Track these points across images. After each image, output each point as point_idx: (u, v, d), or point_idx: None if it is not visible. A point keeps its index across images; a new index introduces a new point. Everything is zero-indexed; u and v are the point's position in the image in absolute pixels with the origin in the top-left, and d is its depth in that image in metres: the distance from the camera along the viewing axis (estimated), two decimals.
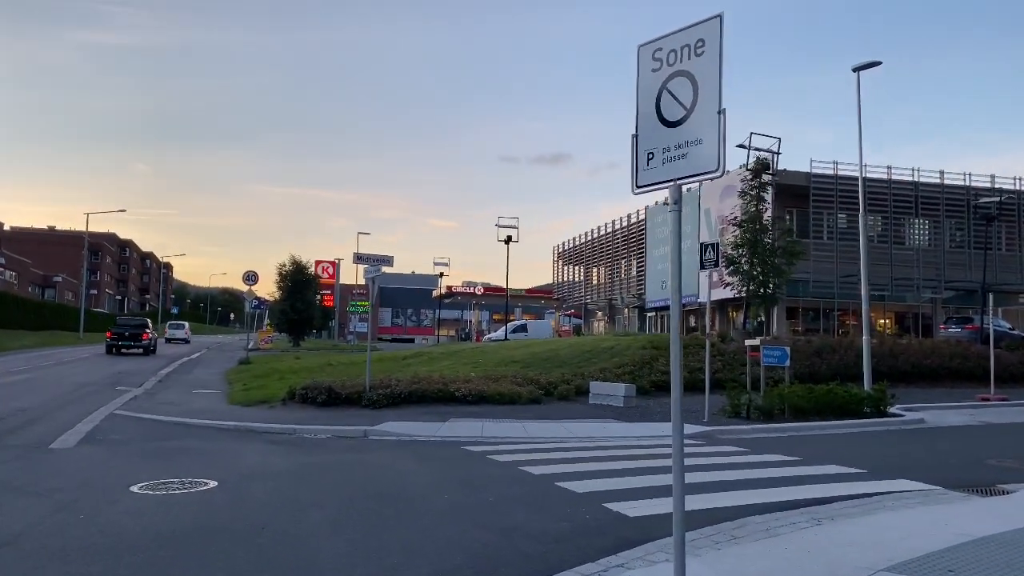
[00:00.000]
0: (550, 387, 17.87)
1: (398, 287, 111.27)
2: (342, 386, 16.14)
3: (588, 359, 21.91)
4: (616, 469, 9.33)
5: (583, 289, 57.83)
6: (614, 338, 27.00)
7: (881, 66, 17.84)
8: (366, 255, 16.91)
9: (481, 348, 28.69)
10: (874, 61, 17.94)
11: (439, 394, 16.20)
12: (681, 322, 4.89)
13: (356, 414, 14.65)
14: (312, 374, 21.54)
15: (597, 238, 54.08)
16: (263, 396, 17.17)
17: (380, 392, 15.85)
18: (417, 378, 17.34)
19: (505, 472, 9.16)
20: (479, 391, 16.45)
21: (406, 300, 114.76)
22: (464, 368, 21.44)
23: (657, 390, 19.04)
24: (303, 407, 15.54)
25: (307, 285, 52.44)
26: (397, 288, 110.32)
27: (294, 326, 51.20)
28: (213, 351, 45.19)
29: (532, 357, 22.70)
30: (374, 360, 25.54)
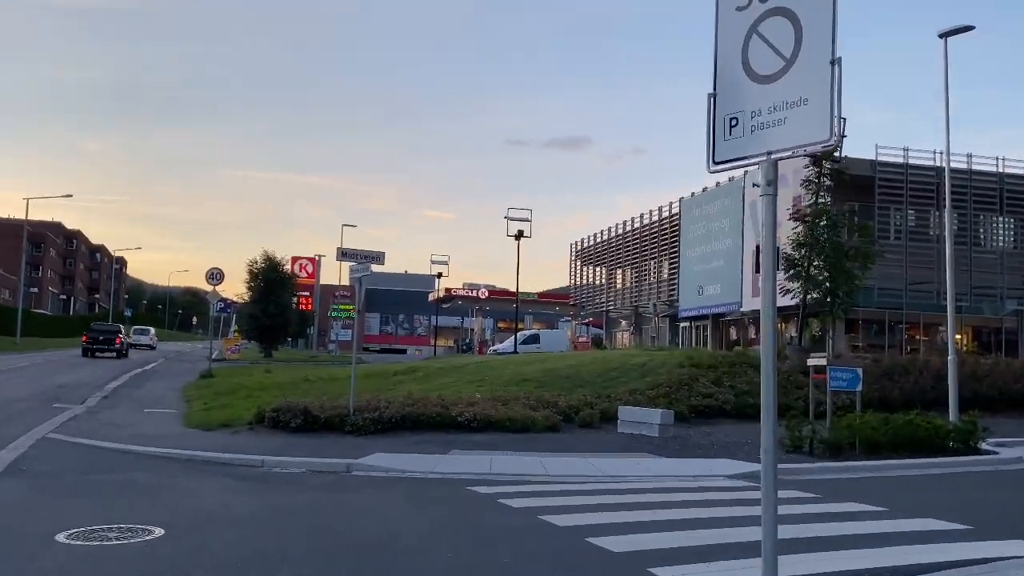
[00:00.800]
0: (571, 412, 17.57)
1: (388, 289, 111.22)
2: (321, 408, 15.86)
3: (615, 378, 21.65)
4: (662, 521, 8.77)
5: (605, 294, 57.41)
6: (645, 353, 26.70)
7: (961, 35, 17.17)
8: (351, 251, 16.70)
9: (486, 362, 28.31)
10: (965, 26, 17.30)
11: (437, 419, 15.91)
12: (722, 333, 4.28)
13: (337, 443, 14.32)
14: (285, 392, 21.23)
15: (622, 234, 53.64)
16: (226, 418, 16.89)
17: (366, 416, 15.49)
18: (411, 399, 17.05)
19: (522, 522, 8.61)
20: (486, 416, 16.12)
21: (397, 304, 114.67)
22: (467, 387, 21.14)
23: (698, 416, 18.69)
24: (273, 433, 15.25)
25: (282, 285, 52.16)
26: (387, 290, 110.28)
27: (266, 333, 50.91)
28: (171, 361, 44.90)
29: (548, 375, 22.45)
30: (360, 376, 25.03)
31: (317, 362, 47.88)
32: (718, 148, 4.34)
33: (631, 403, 18.40)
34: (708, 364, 22.22)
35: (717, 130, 4.34)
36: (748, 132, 4.20)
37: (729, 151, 4.29)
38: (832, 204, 27.03)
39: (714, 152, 4.36)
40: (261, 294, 50.40)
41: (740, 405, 19.26)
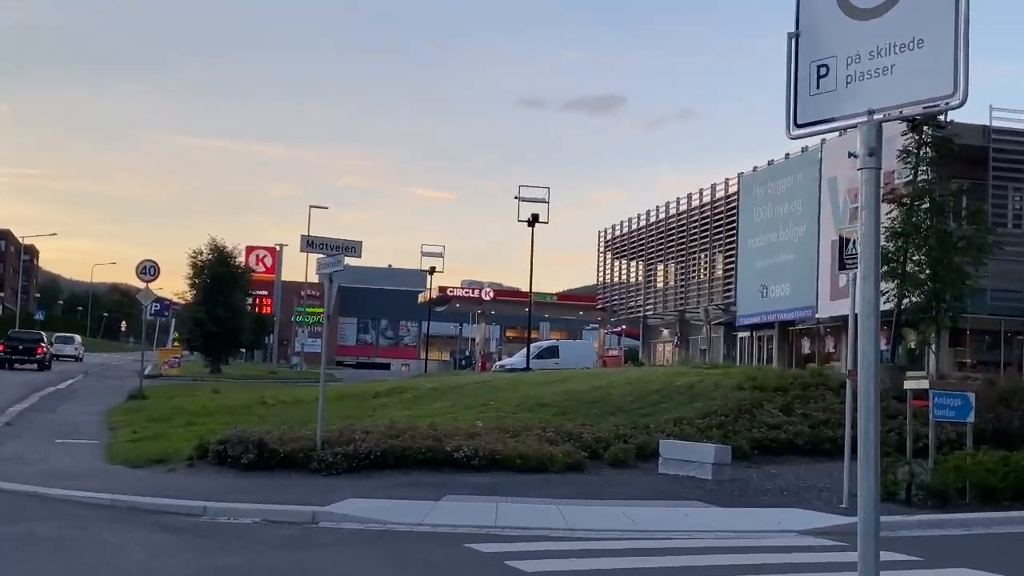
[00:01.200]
0: (598, 446, 17.47)
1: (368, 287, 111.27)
2: (280, 439, 15.77)
3: (655, 403, 21.53)
4: None
5: (642, 295, 57.26)
6: (693, 371, 26.56)
7: None
8: (321, 240, 16.61)
9: (491, 381, 28.17)
10: None
11: (429, 455, 15.82)
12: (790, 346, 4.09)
13: (300, 484, 14.22)
14: (235, 418, 21.09)
15: (664, 220, 53.50)
16: (160, 452, 16.79)
17: (338, 451, 15.39)
18: (395, 428, 16.95)
19: None
20: (490, 451, 16.03)
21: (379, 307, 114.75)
22: (466, 413, 20.99)
23: (763, 453, 18.56)
24: (220, 471, 15.16)
25: (233, 282, 52.22)
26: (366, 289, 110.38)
27: (213, 342, 50.98)
28: (93, 377, 44.98)
29: (570, 398, 22.35)
30: (331, 398, 24.93)
31: (277, 379, 47.82)
32: (802, 106, 4.12)
33: (676, 436, 18.24)
34: (775, 386, 22.06)
35: (800, 82, 4.13)
36: (842, 84, 3.99)
37: (816, 110, 4.08)
38: (936, 182, 26.65)
39: (795, 112, 4.15)
40: (207, 293, 50.41)
41: (816, 439, 19.08)
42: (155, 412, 24.29)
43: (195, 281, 51.50)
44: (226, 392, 31.71)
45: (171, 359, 48.97)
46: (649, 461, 17.27)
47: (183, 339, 55.16)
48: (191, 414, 23.14)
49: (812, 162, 38.18)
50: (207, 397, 28.91)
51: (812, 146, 37.95)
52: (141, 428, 20.79)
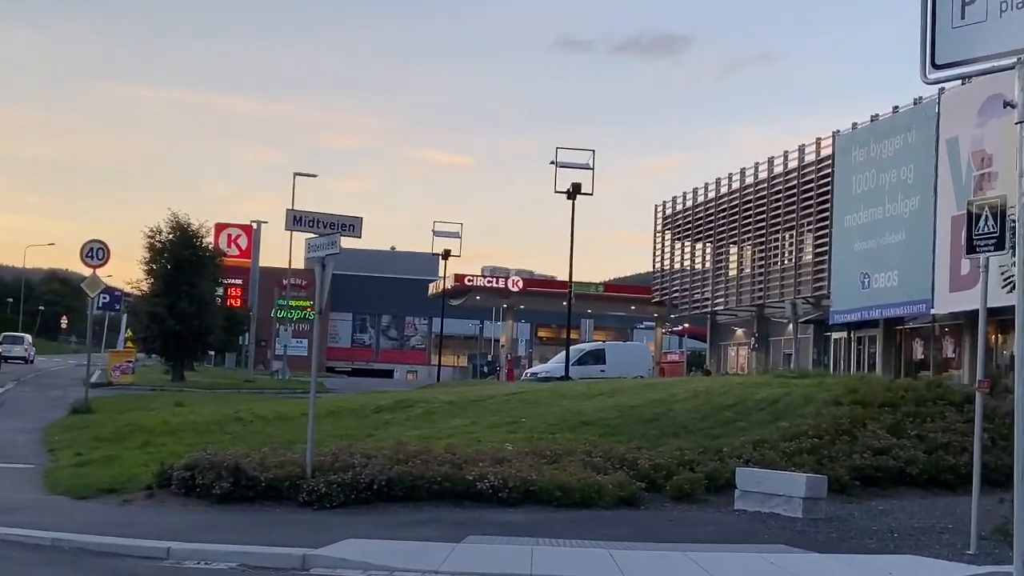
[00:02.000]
0: (658, 476, 17.44)
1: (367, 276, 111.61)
2: (261, 464, 15.83)
3: (729, 422, 21.47)
4: None
5: (710, 286, 57.09)
6: (776, 381, 26.45)
7: None
8: (311, 215, 16.68)
9: (521, 393, 28.18)
10: None
11: (446, 485, 15.82)
12: None
13: (287, 521, 14.27)
14: (204, 437, 21.17)
15: (739, 190, 53.32)
16: (112, 479, 16.87)
17: (333, 479, 15.40)
18: (403, 452, 16.96)
19: None
20: (522, 481, 16.01)
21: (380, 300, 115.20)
22: (491, 434, 21.00)
23: (866, 485, 18.48)
24: (186, 503, 15.23)
25: (200, 268, 52.45)
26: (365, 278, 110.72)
27: (175, 343, 51.28)
28: (27, 385, 45.35)
29: (621, 415, 22.33)
30: (323, 414, 24.91)
31: (255, 389, 48.02)
32: (941, 42, 4.04)
33: (756, 463, 18.15)
34: (880, 401, 21.92)
35: (940, 11, 4.04)
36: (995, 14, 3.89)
37: (961, 47, 4.00)
38: None
39: (933, 50, 4.06)
40: (168, 282, 50.64)
41: (934, 467, 18.96)
42: (104, 429, 24.39)
43: (152, 267, 51.73)
44: (192, 405, 31.83)
45: (123, 363, 49.22)
46: (722, 494, 17.17)
47: (138, 339, 55.57)
48: (149, 432, 23.21)
49: (927, 118, 37.87)
50: (169, 411, 29.02)
51: (927, 98, 37.64)
52: (87, 449, 20.88)
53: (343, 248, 16.39)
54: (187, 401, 33.86)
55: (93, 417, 28.02)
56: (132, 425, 24.90)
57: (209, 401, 34.78)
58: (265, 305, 74.56)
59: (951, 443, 19.53)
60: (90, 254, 31.22)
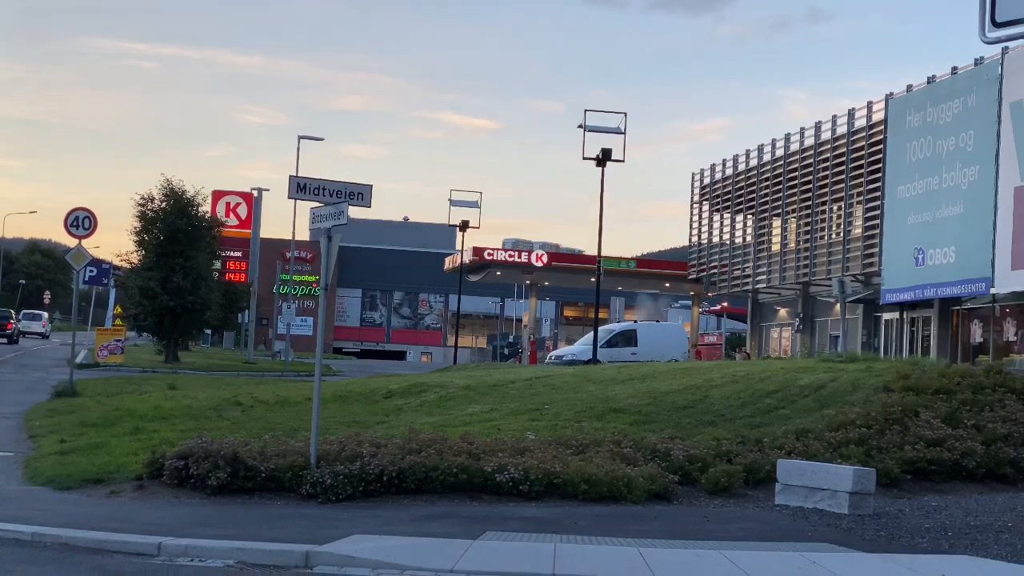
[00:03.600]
0: (692, 468, 17.50)
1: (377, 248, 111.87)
2: (261, 454, 15.90)
3: (771, 410, 21.52)
4: None
5: (751, 262, 56.95)
6: (822, 365, 26.50)
7: None
8: (317, 183, 16.71)
9: (545, 377, 28.24)
10: None
11: (462, 477, 15.89)
12: None
13: (289, 515, 14.33)
14: (200, 423, 21.26)
15: (783, 158, 53.12)
16: (99, 469, 16.92)
17: (339, 470, 15.46)
18: (416, 440, 17.03)
19: None
20: (545, 473, 16.07)
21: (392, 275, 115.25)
22: (512, 421, 21.07)
23: (918, 479, 18.51)
24: (179, 495, 15.29)
25: (196, 239, 52.55)
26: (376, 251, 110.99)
27: (168, 321, 51.34)
28: (7, 366, 45.55)
29: (653, 401, 22.40)
30: (329, 399, 25.02)
31: (255, 372, 48.16)
32: None
33: (799, 454, 18.19)
34: (935, 387, 21.91)
35: None
36: None
37: None
38: None
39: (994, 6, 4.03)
40: (160, 254, 50.77)
41: (993, 460, 18.95)
42: (91, 414, 24.42)
43: (144, 238, 51.78)
44: (187, 388, 31.93)
45: (111, 343, 49.32)
46: (762, 488, 17.24)
47: (127, 316, 55.57)
48: (139, 418, 23.21)
49: (989, 80, 37.60)
50: (161, 395, 29.10)
51: (989, 58, 37.38)
52: (72, 436, 20.87)
53: (351, 218, 16.43)
54: (181, 384, 33.94)
55: (78, 401, 28.04)
56: (121, 410, 24.89)
57: (205, 384, 34.88)
58: (267, 280, 74.77)
59: (1011, 434, 19.49)
60: (75, 223, 31.18)
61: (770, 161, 54.37)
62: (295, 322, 68.50)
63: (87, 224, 31.23)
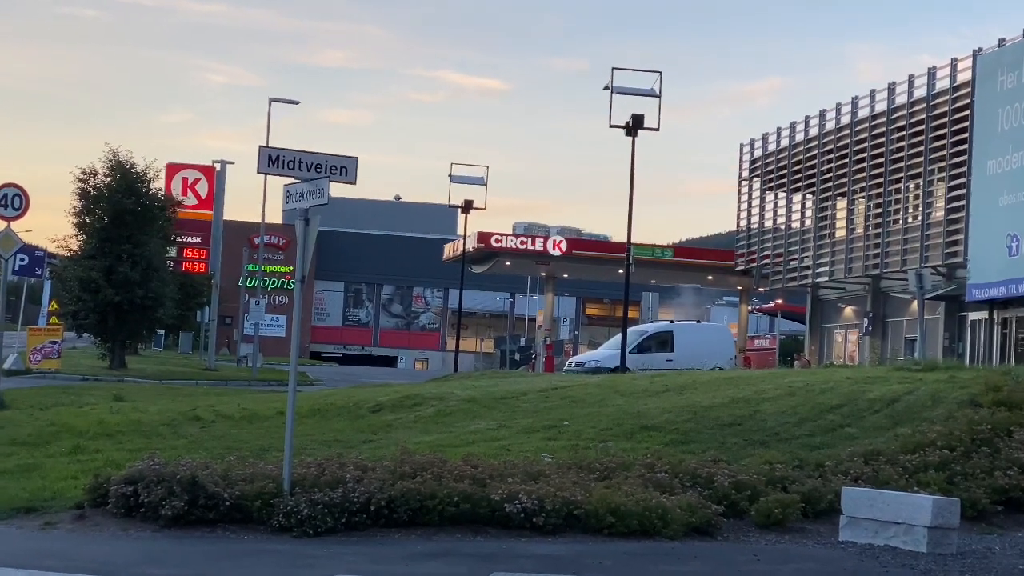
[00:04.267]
0: (739, 496, 17.47)
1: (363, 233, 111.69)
2: (225, 478, 15.89)
3: (834, 428, 21.53)
4: None
5: (811, 251, 56.91)
6: (896, 374, 26.44)
7: None
8: (291, 154, 16.72)
9: (564, 389, 28.29)
10: None
11: (464, 507, 15.86)
12: None
13: (259, 552, 14.37)
14: (151, 442, 21.28)
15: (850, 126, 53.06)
16: (32, 495, 16.91)
17: (318, 498, 15.44)
18: (409, 462, 16.98)
19: None
20: (564, 502, 16.04)
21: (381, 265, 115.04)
22: (525, 440, 21.08)
23: (1011, 510, 18.49)
24: (127, 527, 15.29)
25: (147, 222, 52.66)
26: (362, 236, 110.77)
27: (114, 319, 51.38)
28: None
29: (693, 417, 22.41)
30: (305, 413, 24.96)
31: (217, 380, 48.15)
32: None
33: (868, 480, 18.16)
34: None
35: None
36: None
37: None
38: None
39: None
40: (105, 240, 50.87)
41: None
42: (21, 430, 24.36)
43: (85, 220, 51.96)
44: (135, 400, 31.91)
45: (45, 345, 49.39)
46: (823, 521, 17.20)
47: (66, 313, 55.71)
48: (79, 435, 23.16)
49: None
50: (105, 407, 29.04)
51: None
52: (0, 456, 20.91)
53: (333, 197, 16.38)
54: (129, 395, 33.94)
55: (6, 414, 27.98)
56: (57, 425, 24.84)
57: (157, 395, 34.91)
58: (231, 271, 74.93)
59: None
60: (3, 202, 31.14)
61: (834, 130, 54.38)
62: (265, 321, 68.52)
63: (17, 203, 31.17)
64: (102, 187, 51.38)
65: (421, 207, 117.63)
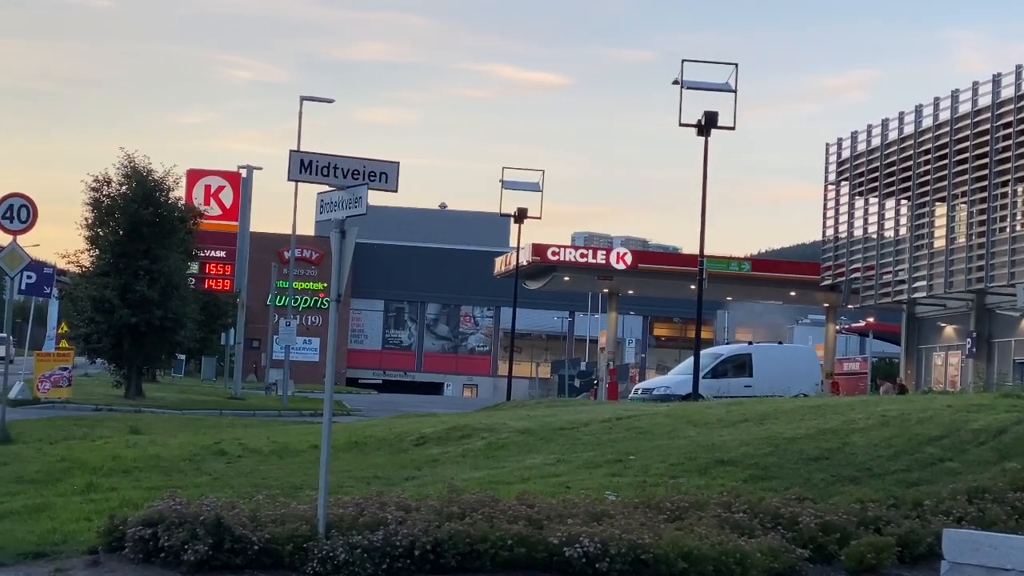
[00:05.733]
0: (827, 539, 17.45)
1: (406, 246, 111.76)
2: (253, 519, 15.90)
3: (934, 462, 21.50)
4: None
5: (906, 263, 56.68)
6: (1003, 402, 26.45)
7: None
8: (325, 159, 16.74)
9: (629, 419, 28.31)
10: None
11: (519, 551, 15.81)
12: None
13: None
14: (172, 479, 21.38)
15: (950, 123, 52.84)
16: (40, 538, 16.92)
17: (356, 541, 15.40)
18: (457, 500, 17.02)
19: None
20: (631, 545, 15.97)
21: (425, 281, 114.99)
22: (586, 477, 21.11)
23: None
24: (145, 573, 15.30)
25: (165, 235, 52.81)
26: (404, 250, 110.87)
27: (131, 343, 51.50)
28: None
29: (774, 451, 22.44)
30: (342, 446, 25.04)
31: (243, 410, 48.25)
32: None
33: (973, 521, 18.05)
34: None
35: None
36: None
37: None
38: None
39: None
40: (119, 255, 51.00)
41: None
42: (29, 467, 24.46)
43: (97, 233, 52.12)
44: (154, 432, 32.06)
45: (55, 372, 49.48)
46: (921, 566, 17.15)
47: (77, 336, 55.80)
48: (93, 471, 23.21)
49: None
50: (121, 441, 29.16)
51: None
52: (4, 496, 20.88)
53: (371, 206, 16.42)
54: (147, 426, 34.04)
55: (13, 449, 28.14)
56: (68, 460, 24.92)
57: (178, 427, 34.98)
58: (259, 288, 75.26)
59: None
60: (8, 214, 31.24)
61: (931, 127, 54.21)
62: (296, 344, 68.77)
63: (24, 215, 31.29)
64: (116, 196, 51.50)
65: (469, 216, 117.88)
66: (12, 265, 31.74)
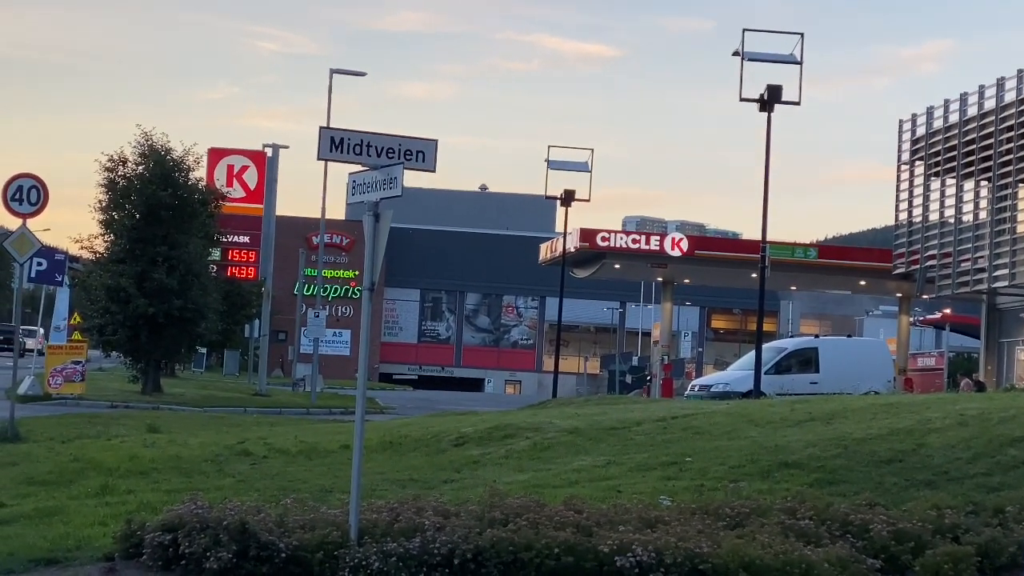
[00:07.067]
0: (900, 548, 17.30)
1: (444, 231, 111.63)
2: (280, 524, 15.96)
3: (1016, 464, 21.37)
4: None
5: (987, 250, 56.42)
6: None
7: None
8: (354, 137, 16.79)
9: (685, 417, 28.32)
10: None
11: (567, 559, 15.75)
12: None
13: None
14: (192, 481, 21.50)
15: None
16: (52, 544, 17.02)
17: (391, 548, 15.44)
18: (500, 505, 17.07)
19: None
20: (687, 554, 15.95)
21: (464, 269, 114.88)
22: (638, 480, 21.13)
23: None
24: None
25: (185, 218, 52.86)
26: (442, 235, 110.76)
27: (148, 335, 51.60)
28: None
29: (842, 452, 22.38)
30: (379, 447, 25.12)
31: (269, 408, 48.38)
32: None
33: None
34: None
35: None
36: None
37: None
38: None
39: None
40: (136, 240, 51.11)
41: None
42: (40, 467, 24.60)
43: (113, 216, 52.21)
44: (173, 431, 32.16)
45: (67, 366, 49.60)
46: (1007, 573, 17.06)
47: (91, 328, 55.90)
48: (108, 472, 23.36)
49: None
50: (138, 440, 29.28)
51: None
52: (14, 498, 21.03)
53: (407, 188, 16.41)
54: (166, 424, 34.16)
55: (22, 448, 28.27)
56: (81, 461, 25.05)
57: (199, 425, 35.09)
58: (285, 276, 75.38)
59: None
60: (17, 196, 31.29)
61: (1015, 102, 53.92)
62: (326, 337, 68.93)
63: (34, 197, 31.31)
64: (133, 177, 51.48)
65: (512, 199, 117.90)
66: (21, 251, 31.68)
